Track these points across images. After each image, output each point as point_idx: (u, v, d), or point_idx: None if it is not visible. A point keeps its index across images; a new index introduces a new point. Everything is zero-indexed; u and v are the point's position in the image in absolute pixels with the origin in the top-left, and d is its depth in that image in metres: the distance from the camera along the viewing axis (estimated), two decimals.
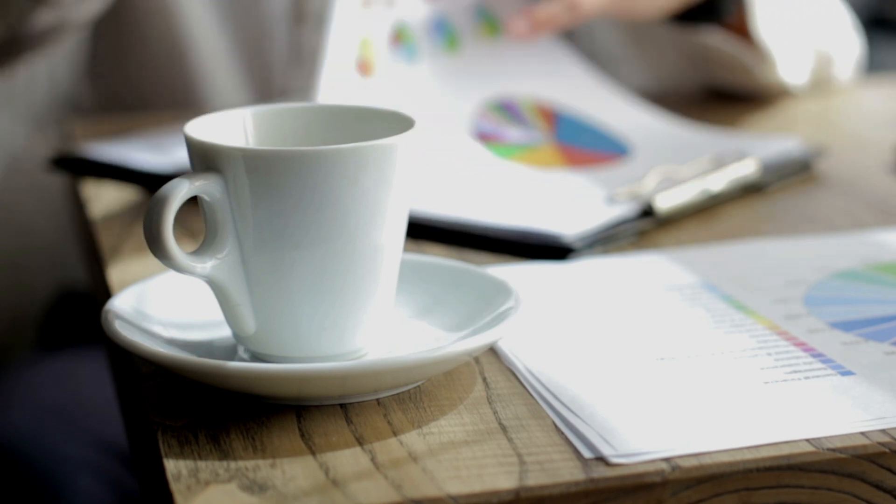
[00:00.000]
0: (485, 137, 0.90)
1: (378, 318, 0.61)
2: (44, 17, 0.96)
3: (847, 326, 0.66)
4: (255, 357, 0.61)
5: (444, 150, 0.87)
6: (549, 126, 0.92)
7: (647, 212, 0.80)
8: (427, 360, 0.57)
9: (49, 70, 1.17)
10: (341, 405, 0.59)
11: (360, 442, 0.56)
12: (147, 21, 1.16)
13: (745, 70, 1.07)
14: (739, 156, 0.89)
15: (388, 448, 0.55)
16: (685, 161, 0.88)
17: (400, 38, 0.91)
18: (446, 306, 0.65)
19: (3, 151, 1.34)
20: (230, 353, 0.62)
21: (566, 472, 0.53)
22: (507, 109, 0.93)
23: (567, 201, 0.83)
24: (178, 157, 0.92)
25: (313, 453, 0.55)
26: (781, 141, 0.93)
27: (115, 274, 0.75)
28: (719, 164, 0.87)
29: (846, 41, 1.15)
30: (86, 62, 1.17)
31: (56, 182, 1.25)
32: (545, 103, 0.93)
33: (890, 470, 0.55)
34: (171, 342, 0.61)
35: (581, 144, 0.91)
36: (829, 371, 0.61)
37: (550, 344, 0.65)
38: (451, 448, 0.55)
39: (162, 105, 1.14)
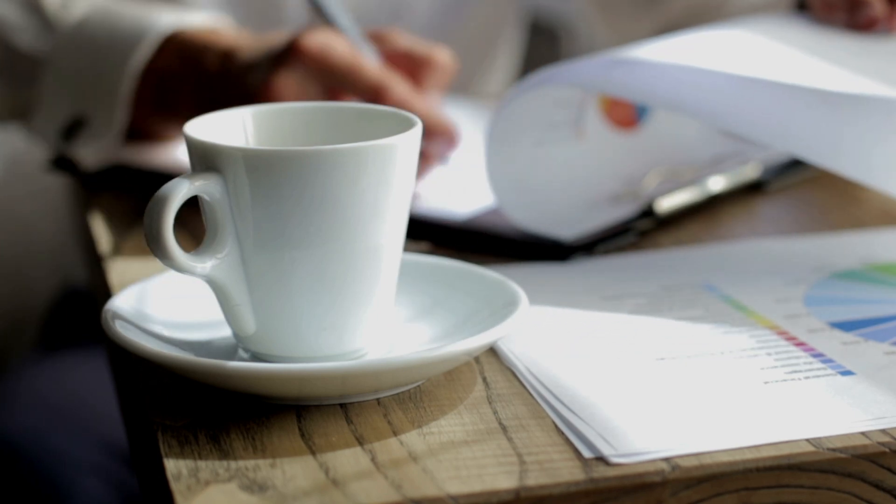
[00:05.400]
0: None
1: (378, 318, 0.61)
2: None
3: (847, 326, 0.66)
4: (256, 357, 0.61)
5: None
6: None
7: (647, 212, 0.80)
8: (427, 360, 0.57)
9: None
10: (341, 405, 0.59)
11: (360, 442, 0.56)
12: None
13: None
14: (740, 156, 0.89)
15: (388, 448, 0.55)
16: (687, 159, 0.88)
17: None
18: (446, 306, 0.65)
19: (3, 152, 1.35)
20: (230, 353, 0.62)
21: (566, 472, 0.53)
22: None
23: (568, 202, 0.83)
24: (177, 156, 0.92)
25: (313, 453, 0.55)
26: None
27: (115, 274, 0.75)
28: (719, 164, 0.87)
29: None
30: None
31: (56, 182, 1.25)
32: None
33: (890, 470, 0.55)
34: (171, 342, 0.61)
35: None
36: (829, 371, 0.61)
37: (550, 344, 0.65)
38: (451, 448, 0.55)
39: None
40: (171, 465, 0.54)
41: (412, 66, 0.86)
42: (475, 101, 1.13)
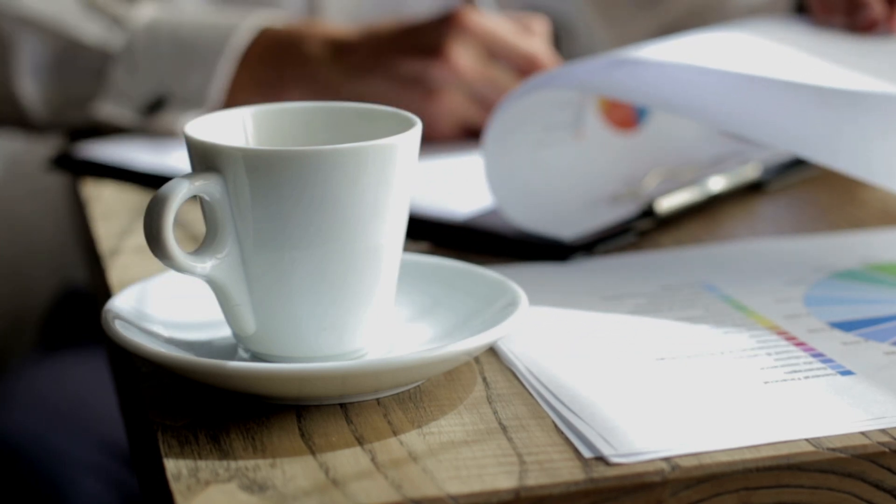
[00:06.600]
0: None
1: (378, 318, 0.61)
2: None
3: (847, 326, 0.66)
4: (256, 357, 0.61)
5: None
6: None
7: (647, 212, 0.80)
8: (427, 360, 0.57)
9: None
10: (341, 405, 0.59)
11: (360, 442, 0.56)
12: None
13: None
14: (740, 156, 0.89)
15: (388, 448, 0.55)
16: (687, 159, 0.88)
17: None
18: (446, 306, 0.65)
19: (3, 152, 1.35)
20: (230, 353, 0.62)
21: (566, 472, 0.53)
22: None
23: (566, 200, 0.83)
24: (177, 156, 0.92)
25: (313, 453, 0.55)
26: None
27: (115, 274, 0.75)
28: (719, 164, 0.87)
29: None
30: None
31: (56, 182, 1.25)
32: None
33: (890, 470, 0.55)
34: (171, 342, 0.61)
35: None
36: (829, 371, 0.61)
37: (550, 344, 0.65)
38: (451, 448, 0.55)
39: None
40: (171, 465, 0.54)
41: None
42: None
